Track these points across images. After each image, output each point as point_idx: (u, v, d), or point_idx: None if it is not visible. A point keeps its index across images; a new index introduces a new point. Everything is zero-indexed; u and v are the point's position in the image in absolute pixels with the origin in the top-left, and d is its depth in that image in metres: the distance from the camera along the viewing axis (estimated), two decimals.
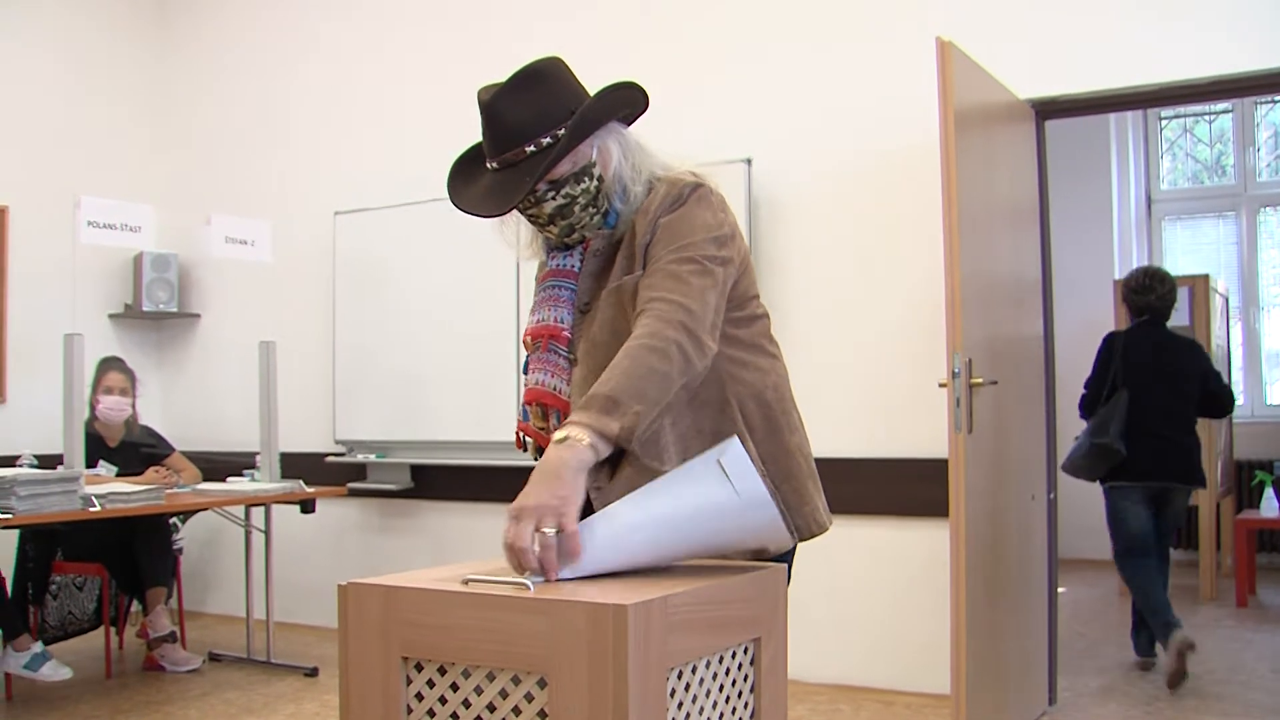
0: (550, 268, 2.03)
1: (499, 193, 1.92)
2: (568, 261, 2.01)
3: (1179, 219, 8.81)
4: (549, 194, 1.93)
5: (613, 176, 1.96)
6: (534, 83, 1.91)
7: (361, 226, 6.02)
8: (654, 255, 1.88)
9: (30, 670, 4.62)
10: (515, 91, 1.90)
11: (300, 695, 4.86)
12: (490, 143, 1.94)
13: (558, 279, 2.01)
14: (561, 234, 1.98)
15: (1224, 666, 5.13)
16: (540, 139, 1.89)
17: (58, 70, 6.44)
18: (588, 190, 1.94)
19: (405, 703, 1.54)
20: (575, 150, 1.91)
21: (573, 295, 1.99)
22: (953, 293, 3.75)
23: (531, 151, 1.89)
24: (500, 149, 1.92)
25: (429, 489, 5.89)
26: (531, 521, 1.57)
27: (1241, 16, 4.22)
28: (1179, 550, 8.27)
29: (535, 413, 2.00)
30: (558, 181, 1.92)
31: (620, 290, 1.92)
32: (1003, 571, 4.09)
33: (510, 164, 1.92)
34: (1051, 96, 4.49)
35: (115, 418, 5.39)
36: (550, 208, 1.94)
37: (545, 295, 2.01)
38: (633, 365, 1.73)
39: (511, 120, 1.89)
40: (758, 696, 1.68)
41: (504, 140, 1.91)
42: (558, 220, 1.96)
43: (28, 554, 5.04)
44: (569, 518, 1.58)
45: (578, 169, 1.93)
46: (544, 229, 2.00)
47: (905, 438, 4.66)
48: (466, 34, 5.91)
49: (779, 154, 4.87)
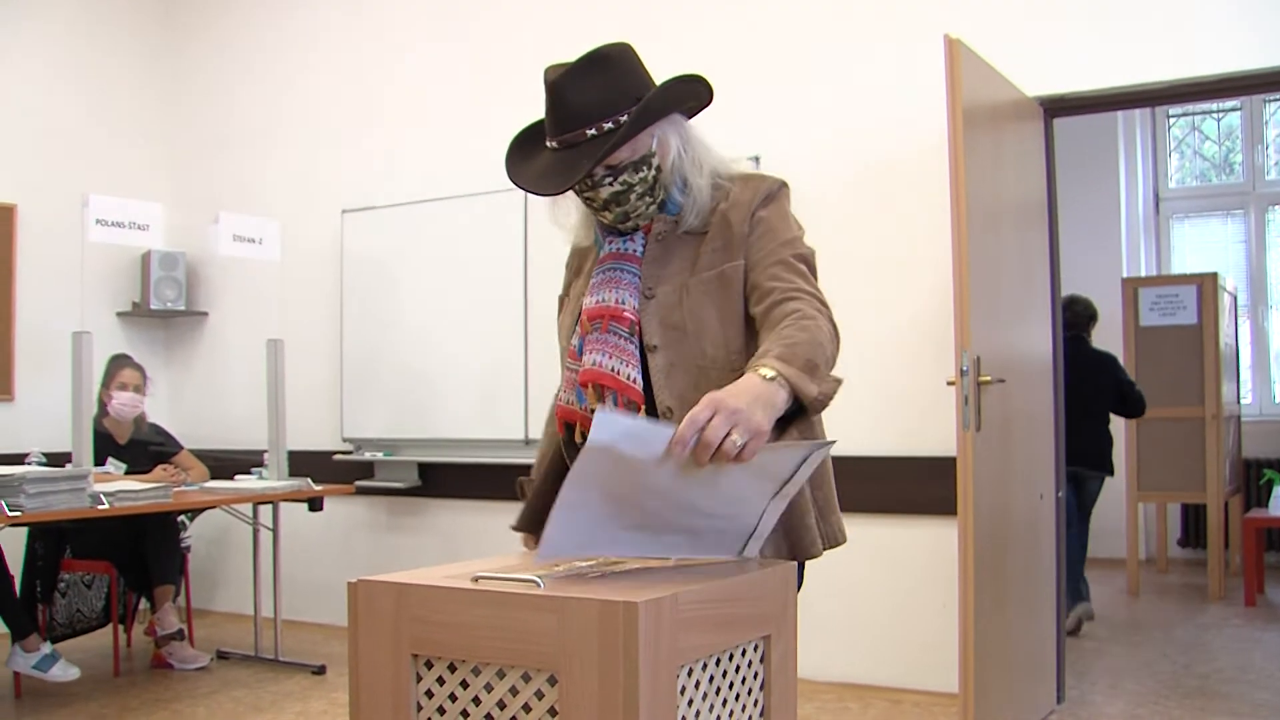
0: (610, 250, 2.02)
1: (556, 173, 1.92)
2: (629, 245, 2.01)
3: (1187, 217, 8.79)
4: (606, 179, 1.93)
5: (671, 167, 1.97)
6: (601, 66, 1.91)
7: (369, 225, 6.03)
8: (762, 247, 1.93)
9: (40, 671, 4.63)
10: (582, 74, 1.90)
11: (308, 693, 4.87)
12: (552, 123, 1.93)
13: (620, 262, 2.00)
14: (616, 219, 1.99)
15: (1232, 665, 5.12)
16: (602, 123, 1.89)
17: (66, 69, 6.45)
18: (645, 179, 1.95)
19: (415, 700, 1.54)
20: (635, 138, 1.92)
21: (635, 279, 1.98)
22: (961, 290, 3.74)
23: (592, 135, 1.89)
24: (562, 129, 1.92)
25: (437, 487, 5.89)
26: (731, 424, 1.52)
27: (1250, 14, 4.20)
28: (1188, 549, 8.28)
29: (591, 394, 1.98)
30: (615, 168, 1.92)
31: (722, 277, 1.93)
32: (1011, 570, 4.08)
33: (570, 145, 1.91)
34: (1060, 94, 4.48)
35: (128, 414, 5.40)
36: (606, 193, 1.94)
37: (606, 277, 2.00)
38: (812, 339, 1.76)
39: (575, 102, 1.89)
40: (767, 694, 1.68)
41: (566, 121, 1.91)
42: (613, 206, 1.96)
43: (36, 552, 5.05)
44: (757, 442, 1.55)
45: (636, 157, 1.93)
46: (599, 213, 2.00)
47: (913, 436, 4.65)
48: (473, 33, 5.91)
49: (786, 151, 4.86)
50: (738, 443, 1.52)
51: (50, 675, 4.63)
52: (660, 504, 1.61)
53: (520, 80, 5.68)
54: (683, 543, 1.71)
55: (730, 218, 1.97)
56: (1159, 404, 7.05)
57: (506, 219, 5.51)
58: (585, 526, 1.60)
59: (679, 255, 1.98)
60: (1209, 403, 6.95)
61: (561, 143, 1.92)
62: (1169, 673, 5.00)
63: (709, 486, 1.60)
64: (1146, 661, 5.23)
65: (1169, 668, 5.10)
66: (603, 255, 2.03)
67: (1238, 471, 7.72)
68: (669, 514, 1.64)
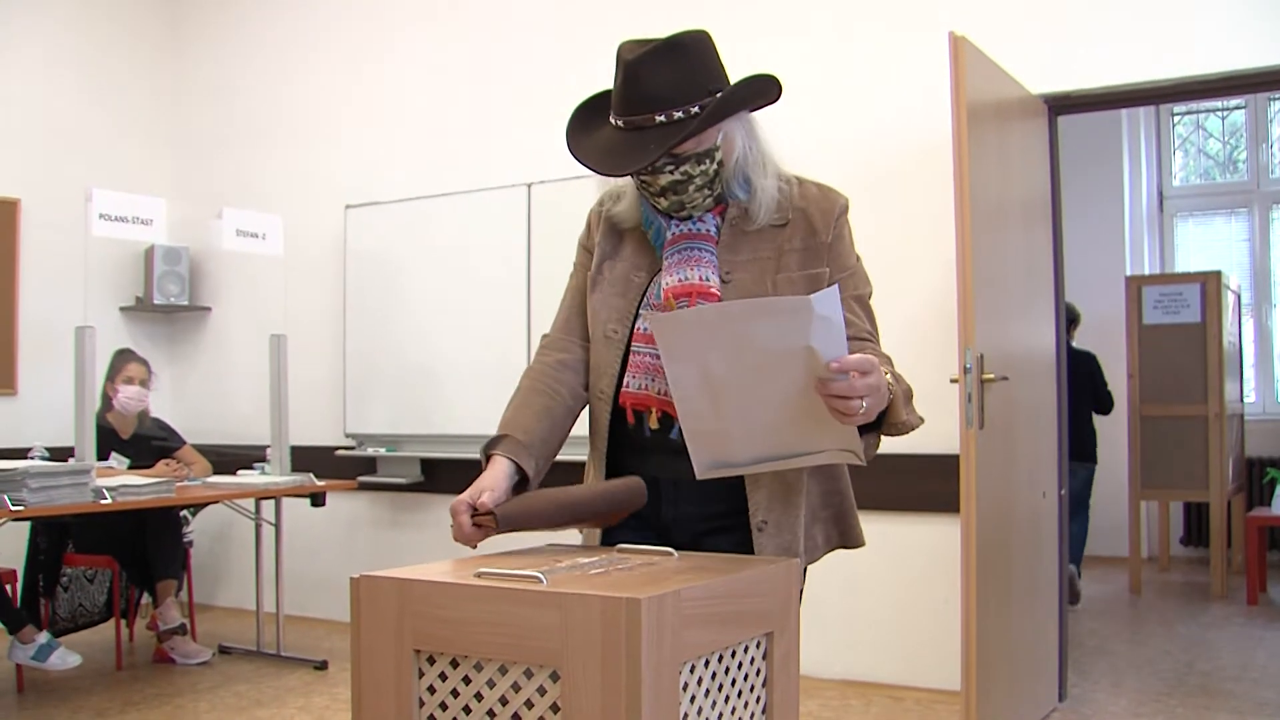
0: (681, 230, 2.00)
1: (620, 153, 1.91)
2: (700, 226, 1.99)
3: (1191, 215, 8.78)
4: (667, 167, 1.91)
5: (735, 164, 1.97)
6: (679, 54, 1.90)
7: (372, 220, 6.02)
8: (837, 264, 2.01)
9: (38, 661, 4.63)
10: (659, 58, 1.88)
11: (310, 688, 4.87)
12: (622, 102, 1.91)
13: (695, 241, 1.99)
14: (671, 207, 1.97)
15: (1234, 664, 5.12)
16: (673, 111, 1.88)
17: (70, 64, 6.45)
18: (706, 172, 1.94)
19: (418, 696, 1.54)
20: (703, 132, 1.91)
21: (714, 257, 1.97)
22: (964, 288, 3.74)
23: (661, 121, 1.88)
24: (631, 111, 1.90)
25: (439, 483, 5.89)
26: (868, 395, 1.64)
27: (1255, 12, 4.19)
28: (1190, 547, 8.27)
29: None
30: (679, 157, 1.91)
31: (813, 282, 1.95)
32: (1013, 568, 4.08)
33: (637, 128, 1.90)
34: (1064, 91, 4.47)
35: (133, 408, 5.40)
36: (665, 180, 1.93)
37: (683, 256, 1.98)
38: (908, 389, 1.88)
39: (649, 86, 1.87)
40: (770, 691, 1.68)
41: (637, 103, 1.89)
42: (669, 194, 1.94)
43: (39, 546, 5.05)
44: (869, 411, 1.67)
45: (701, 149, 1.92)
46: (654, 198, 1.98)
47: (916, 433, 4.60)
48: (477, 30, 5.91)
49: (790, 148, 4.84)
50: (860, 409, 1.64)
51: (49, 664, 4.63)
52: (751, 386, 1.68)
53: (524, 76, 5.69)
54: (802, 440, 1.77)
55: (813, 222, 1.99)
56: (1162, 402, 7.05)
57: (510, 214, 5.51)
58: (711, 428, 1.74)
59: (753, 242, 1.98)
60: (1212, 401, 6.95)
61: (628, 123, 1.91)
62: (1171, 671, 5.00)
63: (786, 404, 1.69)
64: (1149, 659, 5.22)
65: (1171, 666, 5.09)
66: (674, 235, 2.00)
67: (1240, 470, 7.71)
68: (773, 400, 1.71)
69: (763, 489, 1.94)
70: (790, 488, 1.96)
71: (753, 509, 1.94)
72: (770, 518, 1.94)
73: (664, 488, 1.99)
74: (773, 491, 1.94)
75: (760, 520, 1.94)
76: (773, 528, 1.94)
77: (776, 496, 1.95)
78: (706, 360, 1.67)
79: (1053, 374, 4.53)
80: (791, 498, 1.96)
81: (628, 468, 2.01)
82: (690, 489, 1.95)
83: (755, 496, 1.94)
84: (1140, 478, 7.08)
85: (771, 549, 1.93)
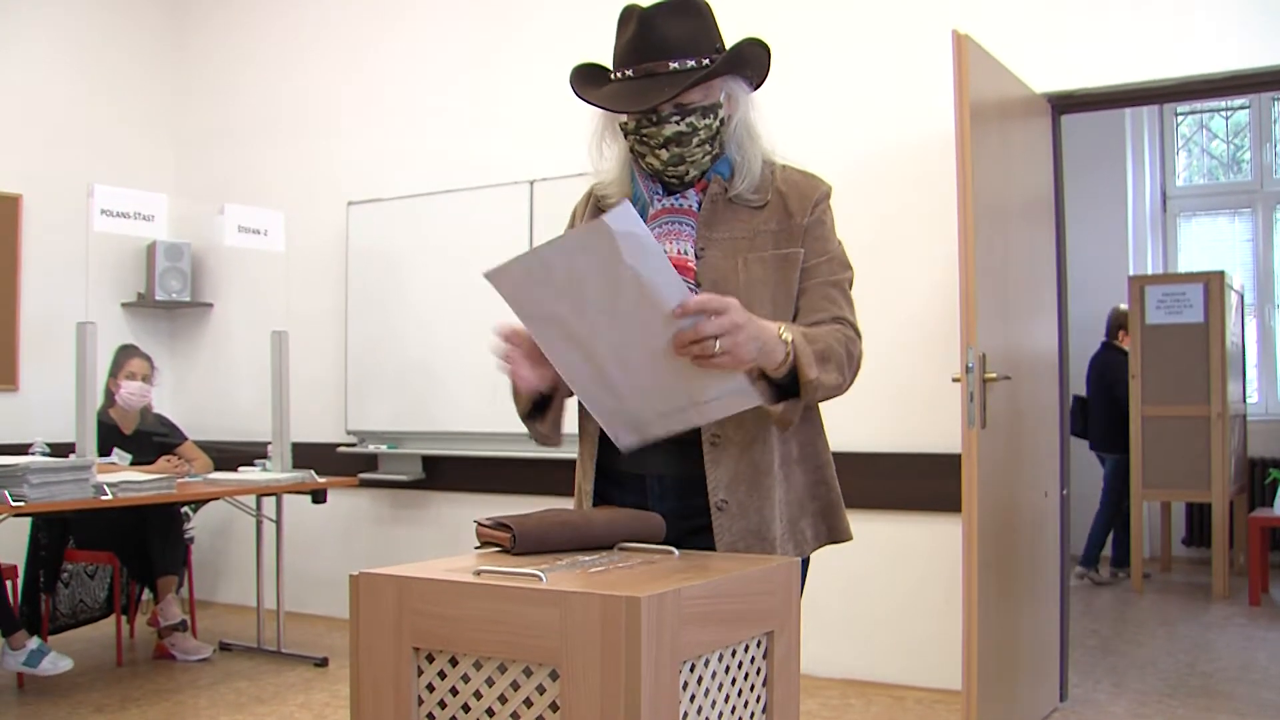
0: (665, 205, 2.02)
1: (632, 95, 1.93)
2: (683, 202, 2.02)
3: (1194, 215, 8.76)
4: (673, 116, 1.93)
5: (734, 126, 1.99)
6: (691, 11, 1.96)
7: (375, 217, 6.02)
8: (817, 253, 2.00)
9: (30, 666, 4.60)
10: (672, 12, 1.94)
11: (310, 685, 4.87)
12: (634, 50, 1.94)
13: (677, 216, 2.01)
14: (669, 162, 1.97)
15: (1236, 665, 5.11)
16: (685, 60, 1.92)
17: (71, 59, 6.45)
18: (709, 127, 1.96)
19: (416, 694, 1.54)
20: (709, 84, 1.95)
21: (694, 232, 1.99)
22: (967, 287, 3.73)
23: (674, 69, 1.92)
24: (645, 57, 1.93)
25: (440, 480, 5.89)
26: (726, 333, 1.65)
27: (1259, 11, 4.18)
28: (1192, 548, 8.26)
29: None
30: (685, 107, 1.93)
31: (784, 261, 1.98)
32: (1015, 567, 4.07)
33: (648, 74, 1.93)
34: (1068, 90, 4.46)
35: (136, 403, 5.40)
36: (669, 130, 1.94)
37: (666, 230, 2.00)
38: (836, 345, 1.89)
39: (665, 34, 1.92)
40: (770, 690, 1.67)
41: (651, 49, 1.93)
42: (671, 146, 1.95)
43: (40, 542, 5.05)
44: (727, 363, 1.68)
45: (707, 103, 1.95)
46: (653, 152, 1.97)
47: (918, 432, 4.64)
48: (480, 25, 5.90)
49: (793, 147, 4.84)
50: (714, 350, 1.65)
51: (41, 670, 4.61)
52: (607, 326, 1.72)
53: (526, 73, 5.68)
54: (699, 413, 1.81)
55: (790, 204, 2.00)
56: (1164, 402, 7.04)
57: (513, 211, 5.51)
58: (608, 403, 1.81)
59: (728, 220, 1.99)
60: (1215, 401, 6.94)
61: (639, 71, 1.94)
62: (1173, 671, 4.99)
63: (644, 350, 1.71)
64: (1150, 660, 5.22)
65: (1173, 666, 5.09)
66: (656, 210, 2.02)
67: (1243, 470, 7.70)
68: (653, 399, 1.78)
69: (722, 467, 1.93)
70: (757, 468, 1.95)
71: (711, 487, 1.93)
72: (732, 498, 1.93)
73: (650, 484, 2.00)
74: (737, 472, 1.93)
75: (720, 499, 1.93)
76: (735, 508, 1.93)
77: (742, 477, 1.93)
78: (557, 312, 1.73)
79: (1055, 373, 4.52)
80: (760, 479, 1.94)
81: (615, 464, 2.02)
82: (675, 484, 1.95)
83: (714, 473, 1.93)
84: (1143, 477, 7.07)
85: (735, 532, 1.92)
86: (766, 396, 1.81)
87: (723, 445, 1.93)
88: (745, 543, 1.93)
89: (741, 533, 1.93)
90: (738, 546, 1.92)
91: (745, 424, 1.92)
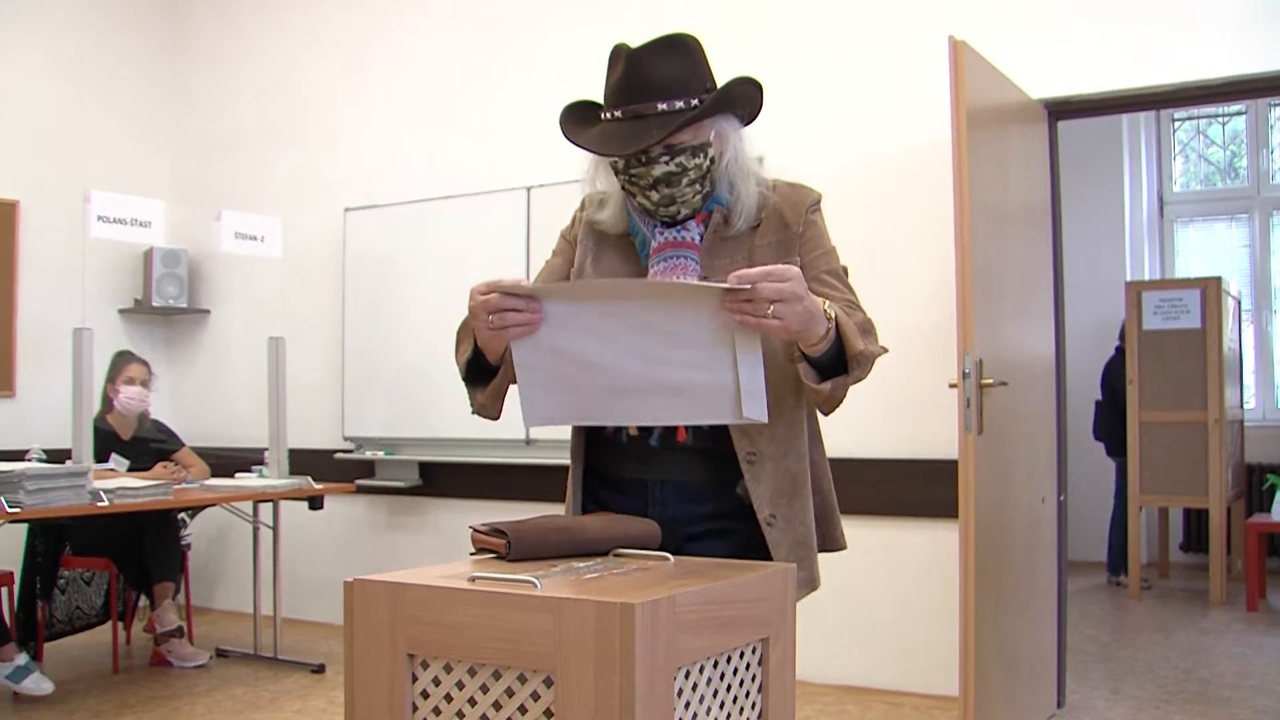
0: (666, 239, 2.02)
1: (619, 137, 1.93)
2: (685, 234, 2.01)
3: (1191, 221, 8.77)
4: (662, 157, 1.93)
5: (725, 165, 1.99)
6: (680, 50, 1.95)
7: (372, 223, 6.02)
8: (812, 249, 2.02)
9: (12, 681, 4.56)
10: (661, 52, 1.94)
11: (307, 691, 4.86)
12: (623, 92, 1.93)
13: (680, 249, 2.01)
14: (661, 202, 1.97)
15: (1233, 671, 5.11)
16: (674, 101, 1.91)
17: (69, 65, 6.45)
18: (699, 166, 1.95)
19: (411, 700, 1.53)
20: (699, 125, 1.94)
21: (697, 265, 1.99)
22: (964, 293, 3.73)
23: (662, 109, 1.91)
24: (632, 99, 1.92)
25: (437, 486, 5.88)
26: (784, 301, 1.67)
27: (1256, 17, 4.19)
28: (1190, 554, 8.26)
29: None
30: (674, 148, 1.92)
31: None
32: (1012, 573, 4.07)
33: (637, 115, 1.92)
34: (1065, 97, 4.46)
35: (134, 408, 5.40)
36: (659, 171, 1.93)
37: (669, 265, 2.00)
38: (873, 327, 1.94)
39: (653, 75, 1.92)
40: (765, 697, 1.67)
41: (639, 91, 1.92)
42: (661, 187, 1.95)
43: (36, 549, 5.05)
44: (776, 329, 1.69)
45: (696, 143, 1.94)
46: (643, 193, 1.97)
47: (915, 438, 4.64)
48: (477, 32, 5.91)
49: (789, 153, 4.82)
50: (770, 314, 1.66)
51: (22, 688, 4.56)
52: (619, 354, 1.72)
53: (524, 80, 5.69)
54: (670, 404, 1.77)
55: (785, 216, 2.02)
56: (1162, 408, 7.04)
57: (509, 218, 5.51)
58: (556, 388, 1.77)
59: (730, 248, 2.01)
60: (1212, 407, 6.94)
61: (627, 112, 1.93)
62: (1170, 677, 4.99)
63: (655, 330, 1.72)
64: (1148, 666, 5.21)
65: (1170, 672, 5.08)
66: (659, 244, 2.01)
67: (1240, 476, 7.70)
68: (636, 367, 1.74)
69: (763, 484, 1.94)
70: (795, 479, 1.97)
71: (757, 505, 1.94)
72: (778, 513, 1.95)
73: (652, 489, 2.00)
74: (777, 486, 1.95)
75: (767, 515, 1.94)
76: (783, 522, 1.95)
77: (782, 490, 1.95)
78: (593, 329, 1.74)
79: (1052, 379, 4.52)
80: (798, 489, 1.98)
81: (608, 471, 2.04)
82: (675, 490, 1.96)
83: (756, 490, 1.94)
84: (1140, 483, 7.07)
85: (786, 545, 1.94)
86: (810, 377, 1.83)
87: (759, 461, 1.94)
88: (795, 555, 1.95)
89: (791, 545, 1.95)
90: (789, 559, 1.94)
91: (777, 437, 1.94)
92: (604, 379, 1.76)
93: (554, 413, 1.82)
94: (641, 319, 1.71)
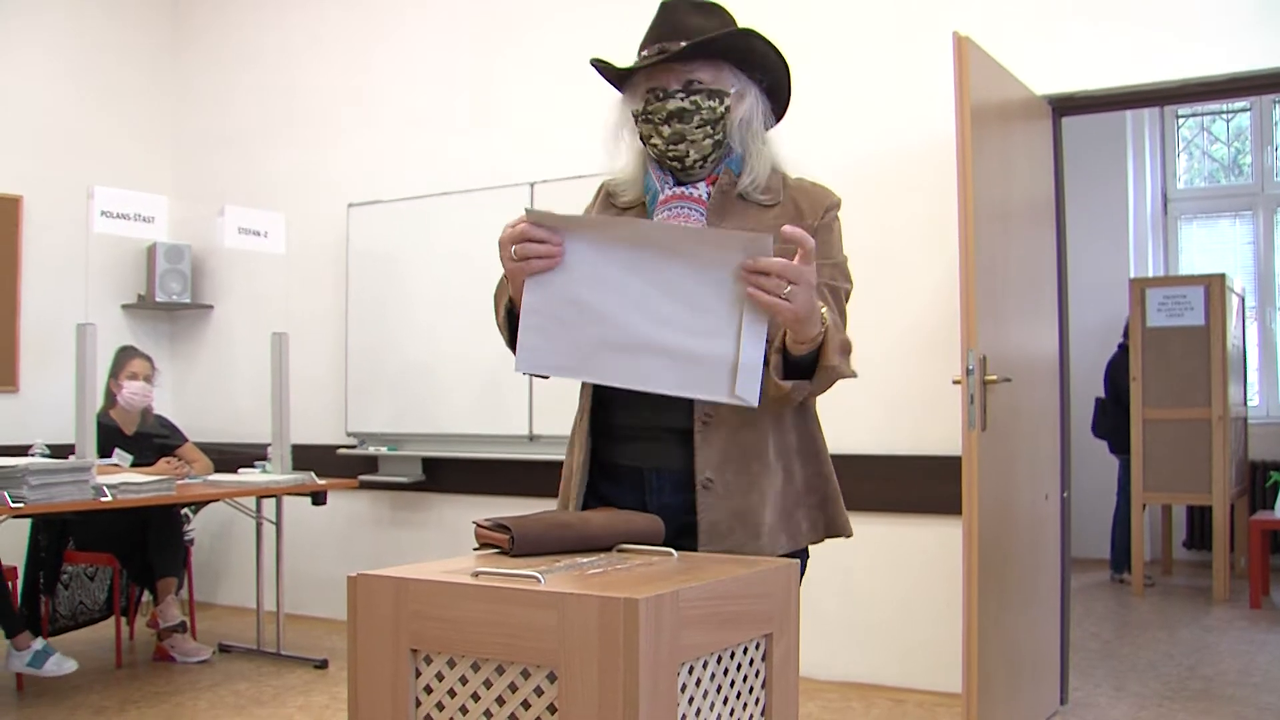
0: (674, 192, 2.04)
1: (650, 61, 2.00)
2: (692, 190, 2.03)
3: (1195, 218, 8.76)
4: (677, 92, 1.97)
5: (738, 123, 2.02)
6: (716, 11, 2.05)
7: (375, 219, 6.02)
8: (823, 254, 1.98)
9: (34, 667, 4.60)
10: (694, 8, 2.03)
11: (310, 687, 4.86)
12: (653, 34, 2.01)
13: (686, 202, 2.03)
14: (670, 139, 1.99)
15: (1236, 668, 5.10)
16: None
17: (71, 61, 6.45)
18: (712, 109, 1.98)
19: (414, 695, 1.53)
20: (720, 69, 1.99)
21: (702, 218, 2.01)
22: (968, 289, 3.73)
23: (685, 46, 1.96)
24: (660, 38, 2.00)
25: (440, 482, 5.88)
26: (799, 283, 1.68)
27: (1260, 14, 4.18)
28: (1193, 551, 8.25)
29: None
30: (690, 83, 1.97)
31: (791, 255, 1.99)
32: (1015, 570, 4.07)
33: (662, 50, 1.99)
34: (1069, 93, 4.46)
35: (138, 403, 5.40)
36: (673, 105, 1.97)
37: (676, 213, 2.02)
38: (851, 352, 1.93)
39: (681, 21, 2.00)
40: (769, 693, 1.67)
41: (669, 33, 1.99)
42: (673, 122, 1.98)
43: (39, 543, 5.05)
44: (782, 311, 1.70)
45: (713, 86, 1.99)
46: (656, 130, 1.99)
47: (919, 435, 4.64)
48: (480, 27, 5.90)
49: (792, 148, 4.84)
50: (783, 293, 1.67)
51: (45, 671, 4.61)
52: (629, 309, 1.73)
53: (527, 75, 5.68)
54: (665, 369, 1.76)
55: (802, 206, 2.03)
56: (1165, 405, 7.04)
57: (512, 213, 5.45)
58: (556, 335, 1.78)
59: (738, 214, 2.01)
60: (1215, 404, 6.93)
61: (654, 50, 1.99)
62: (1173, 675, 4.98)
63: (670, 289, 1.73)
64: (1151, 663, 5.21)
65: (1173, 670, 5.08)
66: (665, 195, 2.04)
67: (1244, 473, 7.69)
68: (641, 324, 1.74)
69: (713, 448, 1.93)
70: (746, 451, 1.94)
71: (699, 467, 1.92)
72: (718, 478, 1.92)
73: (648, 477, 2.00)
74: (726, 453, 1.93)
75: (705, 477, 1.92)
76: (721, 488, 1.92)
77: (731, 457, 1.93)
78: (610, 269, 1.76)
79: (1055, 376, 4.52)
80: (749, 463, 1.94)
81: (608, 456, 2.03)
82: (673, 477, 1.95)
83: (703, 453, 1.93)
84: (1143, 480, 7.07)
85: (719, 511, 1.91)
86: (778, 371, 1.83)
87: (714, 426, 1.93)
88: (728, 524, 1.92)
89: (725, 513, 1.92)
90: (720, 528, 1.91)
91: (739, 408, 1.91)
92: (607, 332, 1.76)
93: (546, 361, 1.81)
94: (661, 275, 1.72)
